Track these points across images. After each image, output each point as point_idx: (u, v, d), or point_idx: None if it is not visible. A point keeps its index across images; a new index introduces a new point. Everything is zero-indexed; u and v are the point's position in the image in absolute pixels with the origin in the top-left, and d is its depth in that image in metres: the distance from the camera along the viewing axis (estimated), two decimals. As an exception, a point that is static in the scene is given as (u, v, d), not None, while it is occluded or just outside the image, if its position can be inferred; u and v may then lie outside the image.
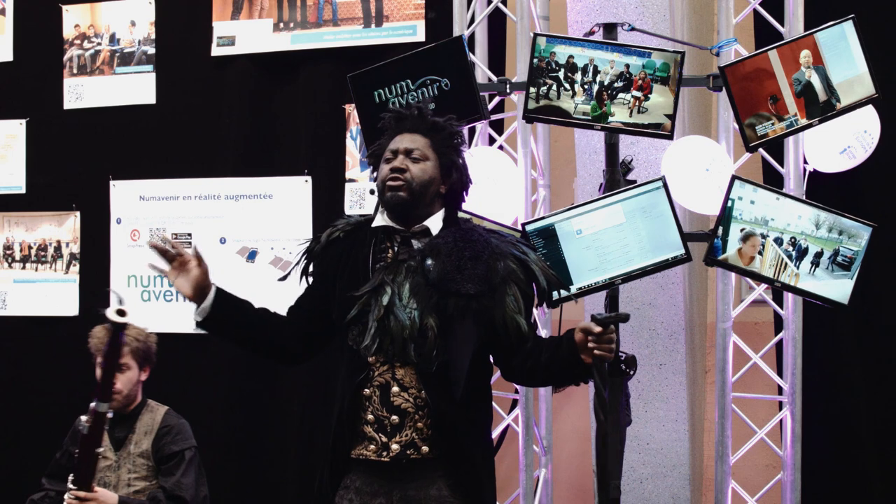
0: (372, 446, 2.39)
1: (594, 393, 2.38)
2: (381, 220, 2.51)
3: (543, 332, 3.43)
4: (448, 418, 2.37)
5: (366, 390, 2.40)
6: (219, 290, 2.46)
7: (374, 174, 2.57)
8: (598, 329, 2.28)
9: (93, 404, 2.69)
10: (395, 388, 2.38)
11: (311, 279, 2.62)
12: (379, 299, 2.39)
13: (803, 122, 3.02)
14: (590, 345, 2.29)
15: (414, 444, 2.37)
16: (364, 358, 2.40)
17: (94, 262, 4.43)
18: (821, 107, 3.01)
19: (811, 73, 2.99)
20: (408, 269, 2.42)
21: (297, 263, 2.62)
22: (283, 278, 2.73)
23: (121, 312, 2.54)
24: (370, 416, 2.39)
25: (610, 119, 3.05)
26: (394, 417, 2.37)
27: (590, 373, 2.36)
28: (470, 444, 2.43)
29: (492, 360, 2.58)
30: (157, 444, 3.20)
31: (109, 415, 2.73)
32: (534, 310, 2.56)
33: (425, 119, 2.54)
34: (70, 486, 2.88)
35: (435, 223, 2.49)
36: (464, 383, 2.36)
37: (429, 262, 2.39)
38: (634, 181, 3.10)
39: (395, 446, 2.37)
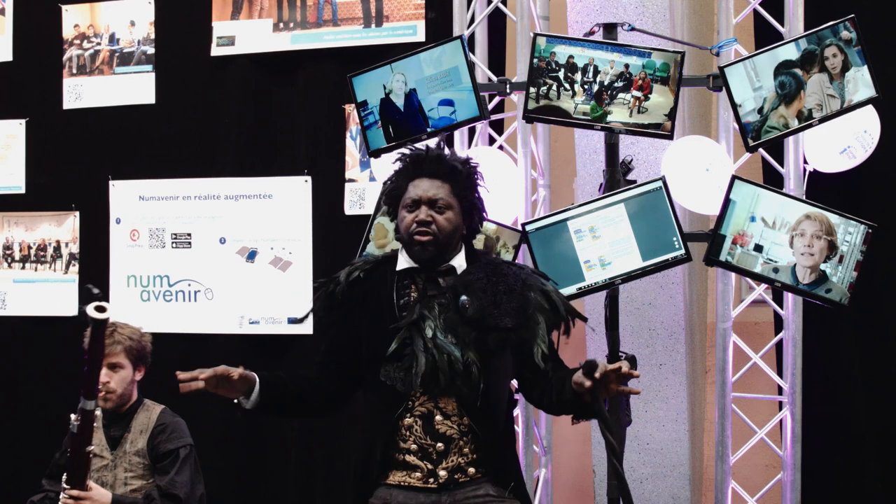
0: (417, 473, 2.40)
1: (605, 443, 2.34)
2: (404, 262, 2.51)
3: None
4: (492, 442, 2.43)
5: (405, 420, 2.41)
6: (261, 379, 2.45)
7: (391, 214, 2.56)
8: (588, 383, 2.22)
9: (80, 403, 2.67)
10: (439, 417, 2.40)
11: (334, 323, 2.58)
12: (423, 333, 2.39)
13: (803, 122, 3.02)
14: (612, 387, 2.25)
15: (461, 467, 2.41)
16: (402, 391, 2.40)
17: (93, 262, 4.42)
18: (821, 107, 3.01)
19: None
20: (440, 305, 2.42)
21: (318, 305, 2.60)
22: (301, 320, 2.78)
23: (100, 309, 2.52)
24: (413, 446, 2.40)
25: (610, 119, 3.05)
26: (439, 445, 2.40)
27: (592, 412, 2.35)
28: (510, 458, 2.53)
29: (516, 385, 2.64)
30: (153, 442, 3.20)
31: (98, 412, 2.71)
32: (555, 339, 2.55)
33: (444, 163, 2.50)
34: (64, 485, 2.87)
35: (459, 261, 2.50)
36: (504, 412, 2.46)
37: (463, 298, 2.39)
38: (634, 181, 3.10)
39: (442, 472, 2.40)
